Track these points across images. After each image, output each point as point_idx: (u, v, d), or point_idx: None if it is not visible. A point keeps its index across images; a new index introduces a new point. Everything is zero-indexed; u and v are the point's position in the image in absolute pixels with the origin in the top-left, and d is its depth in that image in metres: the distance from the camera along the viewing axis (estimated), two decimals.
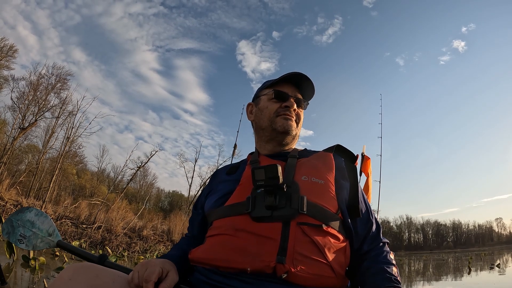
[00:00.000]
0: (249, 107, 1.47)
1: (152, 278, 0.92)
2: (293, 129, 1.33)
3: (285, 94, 1.35)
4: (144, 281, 0.92)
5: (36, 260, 4.04)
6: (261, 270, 0.97)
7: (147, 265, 0.97)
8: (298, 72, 1.35)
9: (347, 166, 1.31)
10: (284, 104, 1.34)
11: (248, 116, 1.47)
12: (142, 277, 0.93)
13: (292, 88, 1.38)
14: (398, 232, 79.52)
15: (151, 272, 0.94)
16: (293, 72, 1.35)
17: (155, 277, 0.93)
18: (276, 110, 1.34)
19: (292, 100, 1.34)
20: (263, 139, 1.39)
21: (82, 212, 16.65)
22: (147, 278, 0.92)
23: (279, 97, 1.35)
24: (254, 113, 1.43)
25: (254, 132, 1.46)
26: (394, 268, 1.12)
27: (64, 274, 0.89)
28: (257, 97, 1.44)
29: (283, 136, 1.33)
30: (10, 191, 15.52)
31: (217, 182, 1.35)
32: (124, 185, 25.81)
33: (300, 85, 1.40)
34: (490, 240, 80.00)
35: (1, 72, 23.50)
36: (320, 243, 1.03)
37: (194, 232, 1.36)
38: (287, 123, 1.32)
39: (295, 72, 1.35)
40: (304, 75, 1.35)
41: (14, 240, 1.59)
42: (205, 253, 1.10)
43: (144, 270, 0.95)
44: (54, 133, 23.41)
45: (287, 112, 1.33)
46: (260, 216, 1.06)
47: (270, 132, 1.35)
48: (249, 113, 1.47)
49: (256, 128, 1.44)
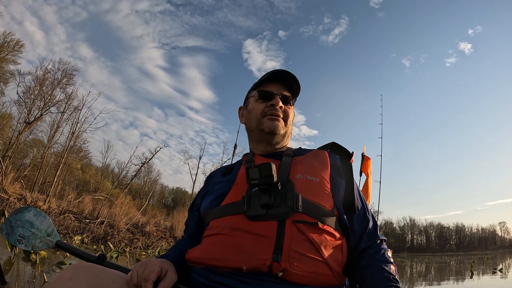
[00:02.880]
0: (240, 110, 1.48)
1: (151, 277, 0.92)
2: (279, 128, 1.32)
3: (270, 93, 1.34)
4: (143, 280, 0.91)
5: (37, 254, 4.05)
6: (257, 268, 0.97)
7: (146, 264, 0.97)
8: (281, 69, 1.34)
9: (342, 163, 1.30)
10: (270, 103, 1.33)
11: (240, 119, 1.48)
12: (141, 276, 0.93)
13: (278, 86, 1.37)
14: (401, 233, 79.47)
15: (150, 271, 0.94)
16: (275, 69, 1.35)
17: (154, 276, 0.93)
18: (262, 111, 1.34)
19: (278, 98, 1.33)
20: (254, 140, 1.39)
21: (86, 207, 16.78)
22: (146, 277, 0.92)
23: (264, 97, 1.35)
24: (245, 116, 1.44)
25: (247, 133, 1.46)
26: (392, 267, 1.11)
27: (64, 274, 0.88)
28: (246, 100, 1.45)
29: (271, 137, 1.33)
30: (15, 185, 15.65)
31: (212, 183, 1.34)
32: (128, 181, 25.98)
33: (285, 82, 1.38)
34: (493, 244, 79.80)
35: (8, 66, 23.65)
36: (316, 241, 1.03)
37: (190, 234, 1.36)
38: (273, 123, 1.31)
39: (278, 69, 1.35)
40: (287, 72, 1.35)
41: (13, 241, 1.58)
42: (202, 253, 1.10)
43: (143, 270, 0.95)
44: (59, 128, 23.62)
45: (273, 112, 1.32)
46: (256, 215, 1.06)
47: (258, 133, 1.35)
48: (240, 116, 1.48)
49: (247, 130, 1.44)
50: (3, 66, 23.31)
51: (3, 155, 16.87)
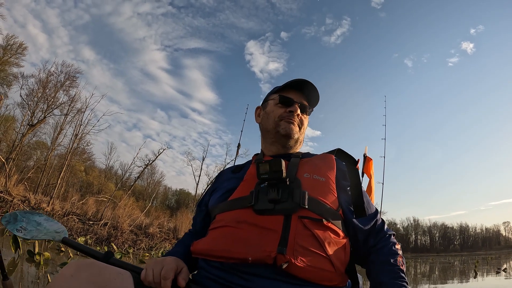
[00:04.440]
0: (258, 110, 1.54)
1: (170, 276, 0.95)
2: (294, 132, 1.38)
3: (290, 100, 1.40)
4: (162, 278, 0.94)
5: (41, 255, 4.07)
6: (262, 259, 0.99)
7: (162, 263, 0.99)
8: (304, 79, 1.40)
9: (349, 168, 1.34)
10: (289, 109, 1.39)
11: (256, 118, 1.53)
12: (158, 274, 0.95)
13: (298, 95, 1.43)
14: (405, 234, 79.04)
15: (169, 269, 0.96)
16: (299, 78, 1.40)
17: (172, 274, 0.96)
18: (280, 115, 1.39)
19: (297, 105, 1.39)
20: (268, 141, 1.44)
21: (89, 209, 16.77)
22: (165, 275, 0.95)
23: (284, 103, 1.40)
24: (261, 116, 1.49)
25: (261, 134, 1.51)
26: (399, 258, 1.15)
27: (66, 271, 0.88)
28: (265, 102, 1.50)
29: (285, 139, 1.38)
30: (18, 187, 15.68)
31: (221, 180, 1.39)
32: (132, 182, 25.98)
33: (306, 92, 1.44)
34: (497, 244, 79.32)
35: (11, 69, 23.77)
36: (320, 237, 1.05)
37: (197, 228, 1.40)
38: (289, 126, 1.37)
39: (301, 79, 1.40)
40: (309, 83, 1.40)
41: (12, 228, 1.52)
42: (207, 245, 1.12)
43: (159, 268, 0.97)
44: (62, 130, 23.62)
45: (290, 117, 1.38)
46: (263, 209, 1.09)
47: (274, 135, 1.40)
48: (257, 116, 1.53)
49: (262, 130, 1.49)
50: (6, 69, 23.46)
51: (6, 158, 16.93)
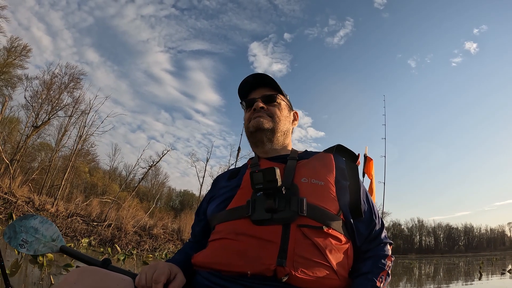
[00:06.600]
0: None
1: (161, 280, 0.95)
2: (264, 123, 1.35)
3: (249, 100, 1.43)
4: (153, 282, 0.94)
5: (44, 256, 4.09)
6: (262, 273, 0.97)
7: (155, 267, 1.00)
8: (251, 74, 1.41)
9: (348, 165, 1.30)
10: (252, 108, 1.40)
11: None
12: (150, 278, 0.95)
13: (257, 91, 1.44)
14: (409, 235, 78.81)
15: (160, 274, 0.97)
16: (245, 78, 1.42)
17: (164, 279, 0.96)
18: (248, 117, 1.42)
19: (259, 101, 1.39)
20: (252, 145, 1.44)
21: (93, 210, 16.87)
22: (156, 279, 0.95)
23: (248, 106, 1.44)
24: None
25: None
26: (382, 273, 1.11)
27: (69, 278, 0.90)
28: None
29: (259, 134, 1.37)
30: (23, 188, 15.79)
31: (218, 187, 1.36)
32: (136, 183, 26.09)
33: (262, 84, 1.44)
34: (502, 245, 78.80)
35: (15, 71, 23.94)
36: (321, 245, 1.03)
37: (197, 238, 1.38)
38: (255, 121, 1.37)
39: (247, 77, 1.42)
40: (256, 74, 1.40)
41: (15, 245, 1.57)
42: (207, 257, 1.11)
43: (152, 272, 0.97)
44: (67, 131, 23.83)
45: (255, 114, 1.39)
46: (260, 219, 1.07)
47: (250, 136, 1.42)
48: None
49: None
50: (11, 71, 23.63)
51: (11, 159, 17.03)
